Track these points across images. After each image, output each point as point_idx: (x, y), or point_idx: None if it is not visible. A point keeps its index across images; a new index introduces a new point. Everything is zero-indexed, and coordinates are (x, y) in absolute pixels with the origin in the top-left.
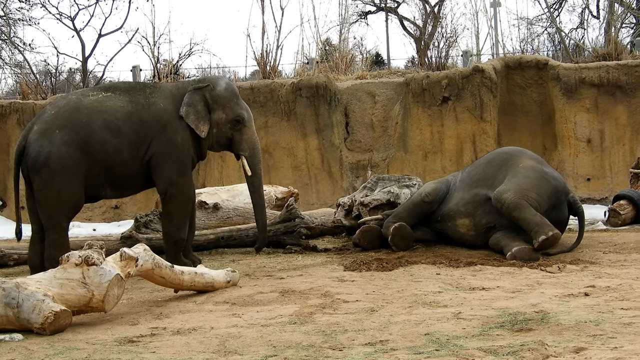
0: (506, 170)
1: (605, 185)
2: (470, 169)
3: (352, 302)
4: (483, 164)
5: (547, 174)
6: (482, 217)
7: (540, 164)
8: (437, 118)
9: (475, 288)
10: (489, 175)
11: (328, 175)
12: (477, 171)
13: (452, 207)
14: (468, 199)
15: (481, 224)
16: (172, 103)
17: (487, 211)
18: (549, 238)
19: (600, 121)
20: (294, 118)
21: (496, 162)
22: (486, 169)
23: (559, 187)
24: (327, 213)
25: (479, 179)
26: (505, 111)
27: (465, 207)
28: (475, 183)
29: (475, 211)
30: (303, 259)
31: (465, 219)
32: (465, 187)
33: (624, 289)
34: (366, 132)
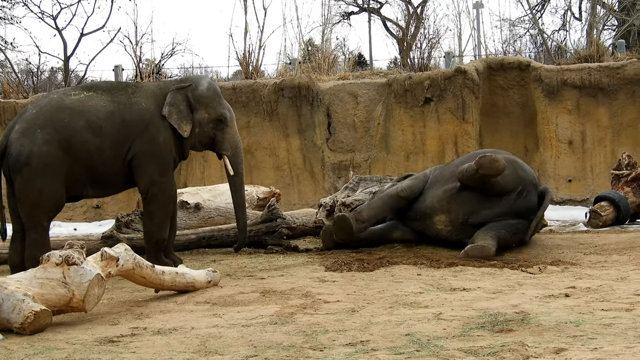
0: None
1: (587, 187)
2: (444, 167)
3: (333, 303)
4: (456, 163)
5: (516, 162)
6: (457, 211)
7: (510, 156)
8: (419, 119)
9: (456, 289)
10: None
11: (310, 175)
12: (448, 170)
13: (428, 204)
14: (441, 195)
15: (457, 219)
16: (154, 103)
17: (460, 204)
18: (486, 156)
19: (582, 123)
20: (276, 118)
21: (464, 161)
22: (456, 168)
23: (526, 177)
24: (308, 213)
25: (450, 176)
26: (487, 112)
27: (440, 203)
28: (446, 180)
29: (449, 206)
30: (284, 259)
31: (441, 215)
32: (438, 185)
33: (604, 290)
34: (348, 133)
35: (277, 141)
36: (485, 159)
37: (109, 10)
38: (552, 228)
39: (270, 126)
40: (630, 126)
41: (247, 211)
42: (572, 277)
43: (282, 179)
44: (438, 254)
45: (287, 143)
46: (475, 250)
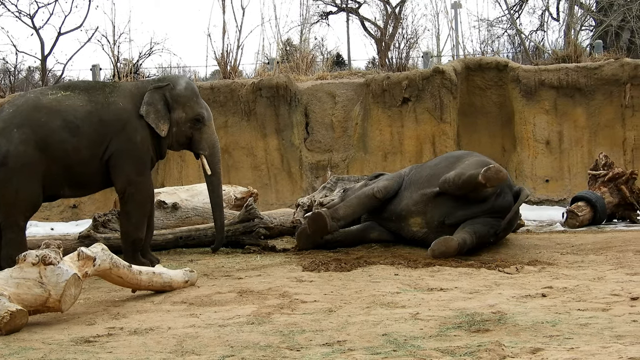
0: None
1: (564, 187)
2: (419, 169)
3: (310, 303)
4: (430, 166)
5: (487, 162)
6: (432, 213)
7: (484, 159)
8: (397, 119)
9: (433, 289)
10: (435, 174)
11: (287, 175)
12: (423, 173)
13: (403, 207)
14: (417, 199)
15: (433, 221)
16: (131, 102)
17: (436, 206)
18: (491, 168)
19: (559, 123)
20: (254, 118)
21: (443, 164)
22: (433, 170)
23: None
24: (286, 213)
25: (425, 180)
26: (465, 112)
27: (415, 206)
28: (422, 184)
29: (425, 209)
30: (261, 259)
31: (417, 218)
32: (414, 188)
33: (580, 290)
34: (326, 133)
35: (255, 141)
36: (491, 172)
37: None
38: (529, 228)
39: (248, 126)
40: (608, 126)
41: (224, 211)
42: (549, 277)
43: (260, 179)
44: (415, 254)
45: (265, 143)
46: (439, 245)
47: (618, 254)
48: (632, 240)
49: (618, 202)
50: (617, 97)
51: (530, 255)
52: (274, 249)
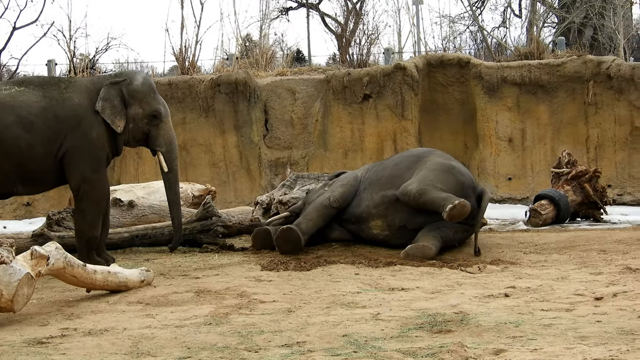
0: (414, 170)
1: (527, 185)
2: (378, 169)
3: (269, 303)
4: (391, 165)
5: (454, 169)
6: (394, 216)
7: (447, 160)
8: (358, 116)
9: (394, 288)
10: (397, 175)
11: (246, 172)
12: (384, 173)
13: (363, 209)
14: (378, 201)
15: (394, 224)
16: (87, 98)
17: (397, 210)
18: (456, 206)
19: (522, 120)
20: (213, 114)
21: (405, 164)
22: (394, 171)
23: (465, 182)
24: (245, 211)
25: (387, 181)
26: (427, 109)
27: (376, 209)
28: (383, 185)
29: (386, 212)
30: (219, 258)
31: (377, 221)
32: (374, 189)
33: (544, 290)
34: (286, 130)
35: (213, 138)
36: (456, 211)
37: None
38: (491, 227)
39: (206, 122)
40: (570, 124)
41: (182, 209)
42: (512, 277)
43: (218, 176)
44: (376, 253)
45: (223, 140)
46: (416, 250)
47: (582, 253)
48: (596, 239)
49: (581, 200)
50: (580, 95)
51: (492, 254)
52: (232, 248)
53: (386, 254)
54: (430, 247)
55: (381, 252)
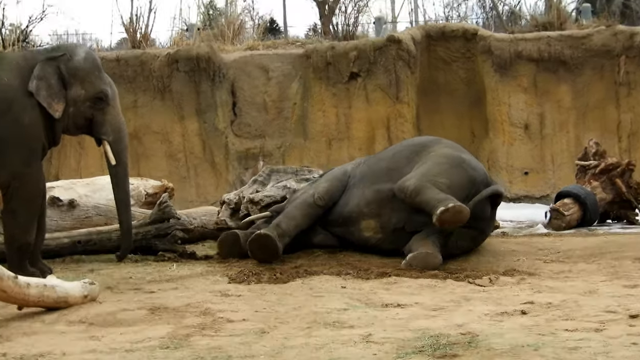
0: (415, 162)
1: (546, 180)
2: (373, 161)
3: (238, 322)
4: (389, 156)
5: (464, 162)
6: (389, 216)
7: (457, 151)
8: (344, 98)
9: (388, 304)
10: (395, 168)
11: (210, 166)
12: (380, 165)
13: (353, 208)
14: (371, 198)
15: (389, 225)
16: (18, 76)
17: (394, 209)
18: (449, 209)
19: (540, 103)
20: (170, 97)
21: (404, 154)
22: (392, 162)
23: (477, 178)
24: (209, 212)
25: (383, 173)
26: (426, 90)
27: (368, 207)
28: (378, 178)
29: (380, 210)
30: (178, 269)
31: (370, 221)
32: (366, 184)
33: (568, 306)
34: (257, 115)
35: (171, 124)
36: (448, 215)
37: None
38: (505, 230)
39: (162, 106)
40: (598, 107)
41: (132, 210)
42: (530, 290)
43: (177, 170)
44: (367, 261)
45: (182, 127)
46: (419, 260)
47: (613, 262)
48: (630, 245)
49: (612, 198)
50: (610, 72)
51: (506, 263)
52: (193, 256)
53: (379, 263)
54: (436, 255)
55: (373, 261)
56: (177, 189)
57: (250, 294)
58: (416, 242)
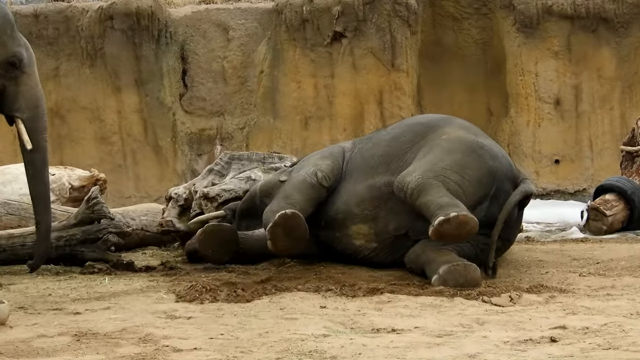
0: (420, 148)
1: (583, 171)
2: (366, 146)
3: (187, 352)
4: (386, 140)
5: (482, 148)
6: (387, 220)
7: (473, 134)
8: (325, 65)
9: (380, 329)
10: (394, 155)
11: (154, 151)
12: (375, 151)
13: (340, 207)
14: (363, 195)
15: (386, 232)
16: None
17: (394, 210)
18: (451, 220)
19: (576, 72)
20: (102, 63)
21: (406, 138)
22: (390, 148)
23: (500, 169)
24: (151, 210)
25: (379, 163)
26: (430, 56)
27: (360, 207)
28: (372, 169)
29: (375, 212)
30: (111, 283)
31: (361, 226)
32: (358, 176)
33: (610, 332)
34: (214, 86)
35: (103, 98)
36: (447, 227)
37: None
38: (530, 235)
39: (92, 75)
40: None
41: (53, 208)
42: (561, 312)
43: (110, 157)
44: (353, 274)
45: (118, 101)
46: (457, 274)
47: None
48: None
49: None
50: None
51: (532, 277)
52: (131, 267)
53: (368, 276)
54: (476, 267)
55: (361, 273)
56: (110, 180)
57: (204, 315)
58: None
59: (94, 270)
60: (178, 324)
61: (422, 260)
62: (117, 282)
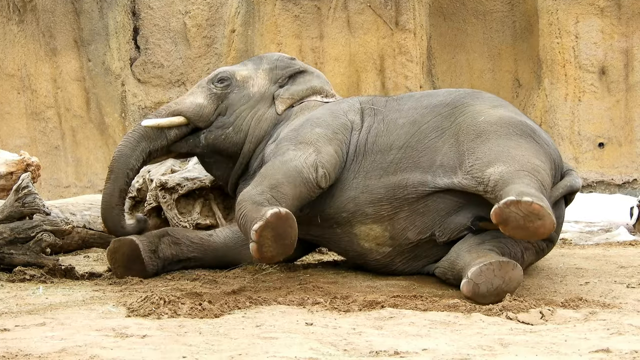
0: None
1: (633, 158)
2: (378, 128)
3: None
4: (403, 125)
5: (535, 132)
6: (407, 222)
7: (513, 113)
8: (312, 23)
9: (380, 352)
10: (421, 147)
11: (98, 130)
12: (392, 139)
13: (345, 205)
14: (381, 194)
15: (404, 236)
16: None
17: (418, 211)
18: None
19: (626, 34)
20: (33, 19)
21: (431, 123)
22: (412, 138)
23: (554, 157)
24: (96, 203)
25: (403, 156)
26: (444, 12)
27: (374, 207)
28: (394, 164)
29: (395, 214)
30: (47, 293)
31: (374, 226)
32: (373, 170)
33: None
34: (173, 49)
35: (35, 63)
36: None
37: None
38: (567, 236)
39: (21, 34)
40: None
41: None
42: (605, 331)
43: (45, 137)
44: (347, 283)
45: (53, 67)
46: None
47: None
48: None
49: None
50: None
51: (568, 288)
52: (71, 274)
53: (365, 287)
54: (516, 264)
55: (355, 282)
56: (45, 166)
57: (162, 333)
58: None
59: (25, 277)
60: (130, 344)
61: (459, 266)
62: (54, 292)
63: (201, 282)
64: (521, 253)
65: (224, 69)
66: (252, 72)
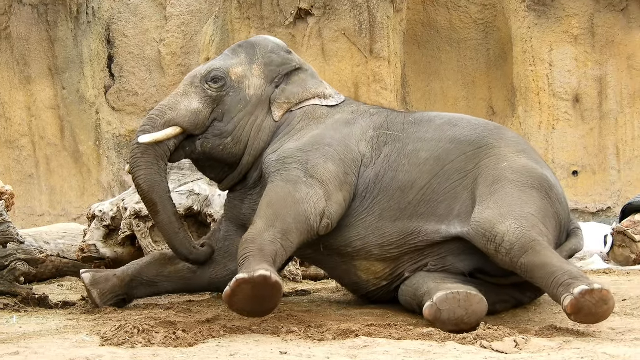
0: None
1: (607, 186)
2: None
3: None
4: (426, 161)
5: (551, 188)
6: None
7: (534, 162)
8: None
9: None
10: (441, 192)
11: (73, 159)
12: (412, 177)
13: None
14: (392, 238)
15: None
16: None
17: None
18: (594, 291)
19: (600, 62)
20: (7, 46)
21: (455, 164)
22: (435, 179)
23: (563, 216)
24: (69, 232)
25: (421, 200)
26: (418, 40)
27: (382, 249)
28: (411, 207)
29: (401, 256)
30: (20, 322)
31: (376, 263)
32: (386, 210)
33: None
34: (148, 77)
35: (9, 91)
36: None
37: None
38: None
39: None
40: None
41: None
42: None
43: (19, 165)
44: (321, 312)
45: (27, 95)
46: (455, 304)
47: None
48: None
49: None
50: None
51: (542, 316)
52: (44, 302)
53: (339, 316)
54: (481, 297)
55: (330, 312)
56: (19, 194)
57: None
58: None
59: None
60: None
61: (422, 292)
62: (27, 321)
63: (175, 311)
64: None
65: (217, 64)
66: (246, 69)
